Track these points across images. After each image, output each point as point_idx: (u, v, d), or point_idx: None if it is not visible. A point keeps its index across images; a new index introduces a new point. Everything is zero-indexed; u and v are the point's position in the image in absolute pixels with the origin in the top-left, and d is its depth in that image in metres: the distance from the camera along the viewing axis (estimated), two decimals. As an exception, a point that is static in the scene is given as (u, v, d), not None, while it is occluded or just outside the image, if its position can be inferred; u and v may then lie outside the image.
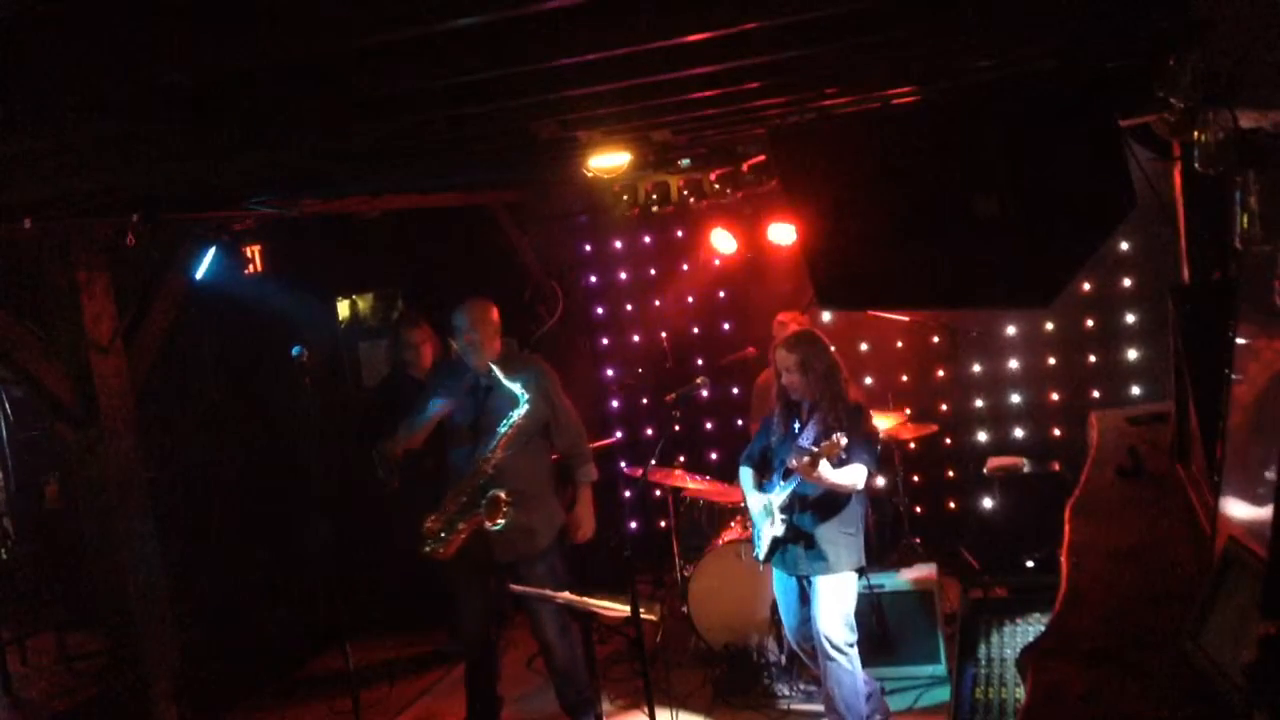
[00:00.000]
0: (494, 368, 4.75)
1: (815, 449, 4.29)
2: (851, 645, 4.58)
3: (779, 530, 4.60)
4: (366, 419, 6.44)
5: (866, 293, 3.77)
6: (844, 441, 4.28)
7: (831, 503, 4.52)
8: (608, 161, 4.67)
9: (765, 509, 4.67)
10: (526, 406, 4.71)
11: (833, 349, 4.67)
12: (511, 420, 4.71)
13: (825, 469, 4.30)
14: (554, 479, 5.11)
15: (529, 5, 2.21)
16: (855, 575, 4.64)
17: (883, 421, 5.84)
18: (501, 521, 4.68)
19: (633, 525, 7.67)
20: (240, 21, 2.16)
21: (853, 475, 4.45)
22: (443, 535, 4.74)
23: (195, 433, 7.25)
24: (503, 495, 4.69)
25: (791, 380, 4.57)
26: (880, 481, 6.48)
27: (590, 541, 5.21)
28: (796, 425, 4.63)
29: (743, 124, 4.46)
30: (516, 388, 4.70)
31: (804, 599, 4.69)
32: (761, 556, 4.76)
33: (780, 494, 4.57)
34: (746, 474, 4.89)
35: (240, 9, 2.15)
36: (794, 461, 4.43)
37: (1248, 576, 2.32)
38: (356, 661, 5.04)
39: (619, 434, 7.61)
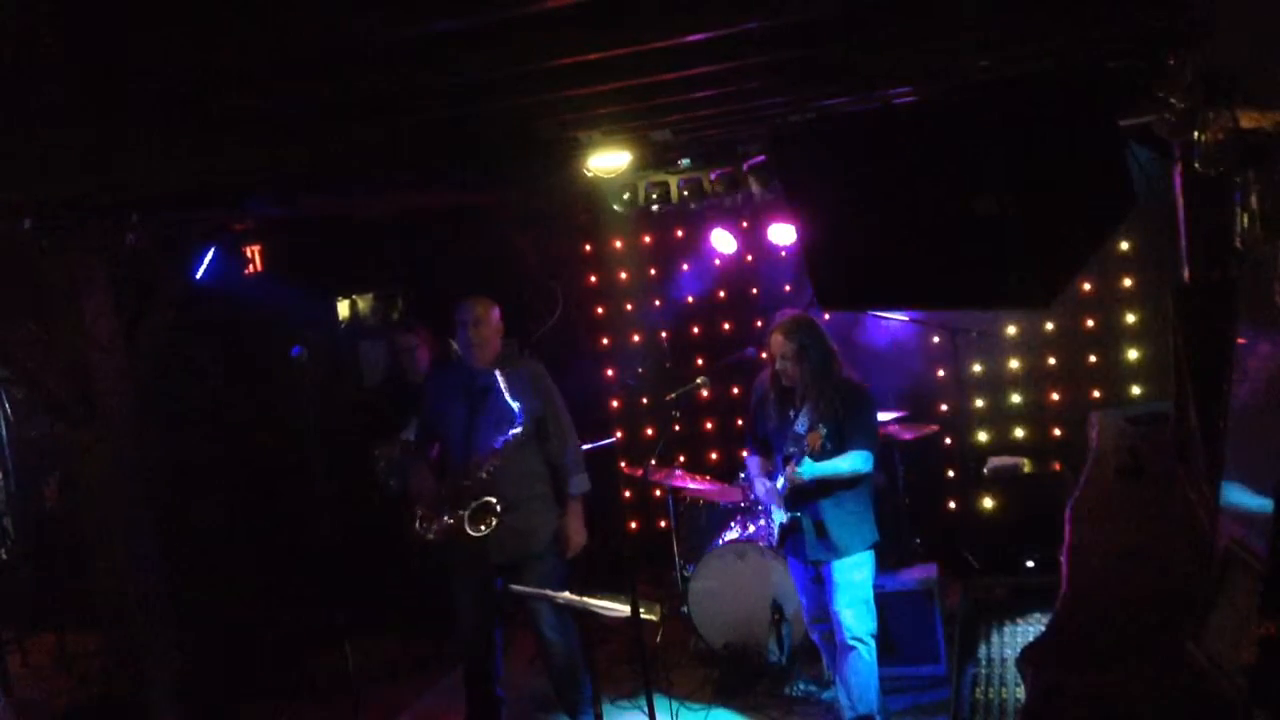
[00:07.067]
0: (498, 375, 4.66)
1: (804, 437, 4.35)
2: (872, 635, 4.57)
3: (785, 517, 4.62)
4: (368, 420, 6.43)
5: (866, 293, 3.77)
6: (824, 432, 4.31)
7: (834, 485, 4.52)
8: (608, 161, 4.67)
9: (772, 497, 4.68)
10: (521, 427, 4.65)
11: (828, 337, 4.65)
12: (508, 437, 4.66)
13: (808, 465, 4.35)
14: (549, 480, 5.08)
15: (530, 5, 2.22)
16: (870, 555, 4.61)
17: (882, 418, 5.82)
18: (483, 529, 4.65)
19: (633, 525, 7.66)
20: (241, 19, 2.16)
21: (852, 463, 4.46)
22: (430, 525, 4.75)
23: (195, 433, 7.23)
24: (491, 501, 4.64)
25: (786, 367, 4.54)
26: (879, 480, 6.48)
27: (587, 545, 5.18)
28: (792, 412, 4.63)
29: (743, 124, 4.47)
30: (515, 405, 4.63)
31: (821, 583, 4.69)
32: (775, 543, 4.77)
33: (783, 481, 4.58)
34: (753, 462, 4.91)
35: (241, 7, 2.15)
36: (791, 448, 4.48)
37: (1248, 577, 2.32)
38: (356, 661, 5.03)
39: (619, 434, 7.60)
